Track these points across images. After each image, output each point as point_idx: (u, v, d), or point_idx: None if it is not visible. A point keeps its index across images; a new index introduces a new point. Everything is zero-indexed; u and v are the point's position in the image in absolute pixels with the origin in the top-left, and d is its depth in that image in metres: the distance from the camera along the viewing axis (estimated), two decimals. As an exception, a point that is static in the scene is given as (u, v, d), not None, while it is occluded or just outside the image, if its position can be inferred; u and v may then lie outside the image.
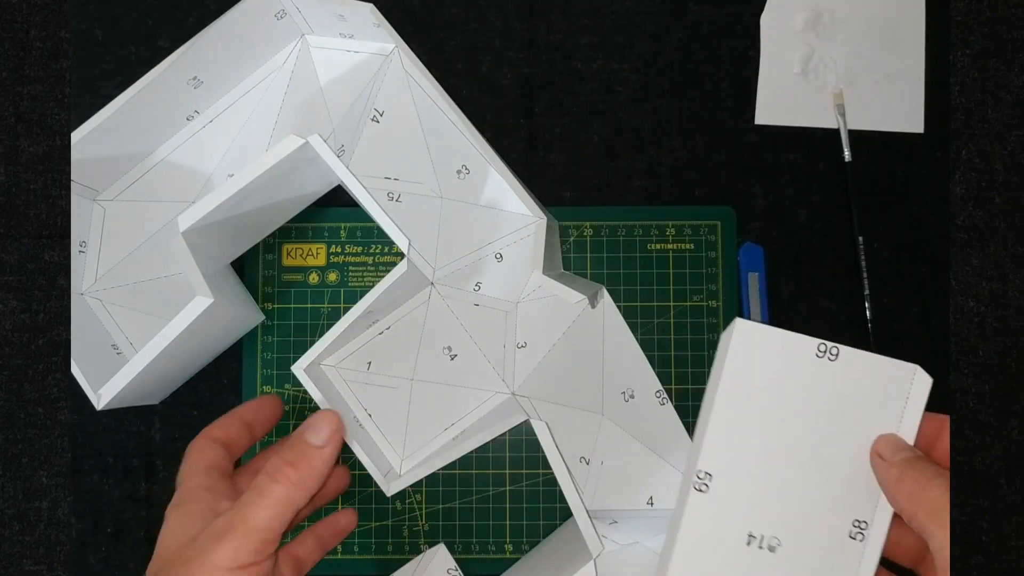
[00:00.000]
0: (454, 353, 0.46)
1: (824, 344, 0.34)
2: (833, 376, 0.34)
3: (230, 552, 0.33)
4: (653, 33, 0.49)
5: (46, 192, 0.47)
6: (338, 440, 0.37)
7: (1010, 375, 0.47)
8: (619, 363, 0.46)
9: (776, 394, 0.34)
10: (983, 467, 0.47)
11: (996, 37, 0.48)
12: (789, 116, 0.48)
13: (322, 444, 0.37)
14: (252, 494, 0.35)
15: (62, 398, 0.46)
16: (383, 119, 0.46)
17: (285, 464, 0.36)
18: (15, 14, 0.47)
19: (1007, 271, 0.47)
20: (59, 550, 0.46)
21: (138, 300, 0.46)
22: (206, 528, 0.35)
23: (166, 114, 0.46)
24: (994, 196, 0.48)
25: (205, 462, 0.38)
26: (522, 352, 0.46)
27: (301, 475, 0.36)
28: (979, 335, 0.47)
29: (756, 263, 0.47)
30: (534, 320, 0.46)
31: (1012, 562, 0.46)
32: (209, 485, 0.37)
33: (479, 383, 0.46)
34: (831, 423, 0.34)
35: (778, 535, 0.33)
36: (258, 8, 0.44)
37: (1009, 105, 0.48)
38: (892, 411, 0.33)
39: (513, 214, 0.45)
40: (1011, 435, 0.47)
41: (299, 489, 0.35)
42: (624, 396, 0.46)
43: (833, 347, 0.34)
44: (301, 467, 0.36)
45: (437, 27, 0.48)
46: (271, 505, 0.35)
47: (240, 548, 0.34)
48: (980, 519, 0.46)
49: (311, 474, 0.36)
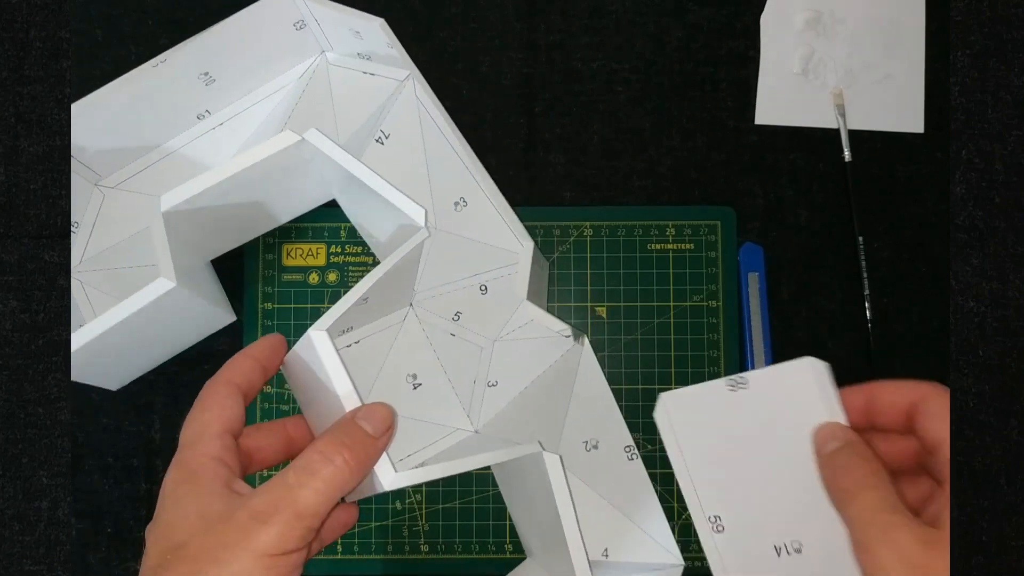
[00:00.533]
0: (419, 382, 0.45)
1: (731, 380, 0.36)
2: (755, 400, 0.36)
3: (275, 538, 0.30)
4: (653, 33, 0.49)
5: (46, 192, 0.47)
6: (390, 436, 0.34)
7: (1010, 375, 0.47)
8: (590, 412, 0.45)
9: (729, 434, 0.36)
10: (983, 467, 0.47)
11: (996, 37, 0.48)
12: (789, 116, 0.48)
13: (377, 435, 0.34)
14: (301, 474, 0.32)
15: (62, 398, 0.46)
16: (388, 142, 0.45)
17: (341, 446, 0.32)
18: (15, 14, 0.47)
19: (1007, 271, 0.47)
20: (59, 550, 0.46)
21: (118, 287, 0.45)
22: (241, 507, 0.31)
23: (175, 107, 0.46)
24: (994, 196, 0.48)
25: (222, 422, 0.34)
26: (492, 390, 0.45)
27: (358, 460, 0.32)
28: (979, 335, 0.47)
29: (756, 263, 0.47)
30: (510, 360, 0.45)
31: (1012, 562, 0.46)
32: (223, 455, 0.33)
33: (442, 418, 0.45)
34: (784, 437, 0.35)
35: (797, 539, 0.35)
36: (276, 13, 0.44)
37: (1009, 105, 0.48)
38: (813, 407, 0.35)
39: (504, 250, 0.44)
40: (1011, 435, 0.47)
41: (353, 475, 0.32)
42: (586, 445, 0.45)
43: (739, 378, 0.36)
44: (357, 452, 0.33)
45: (437, 27, 0.48)
46: (323, 489, 0.31)
47: (286, 534, 0.30)
48: (980, 519, 0.46)
49: (366, 461, 0.33)
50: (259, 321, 0.47)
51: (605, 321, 0.47)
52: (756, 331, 0.47)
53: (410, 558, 0.46)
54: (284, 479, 0.32)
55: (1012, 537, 0.46)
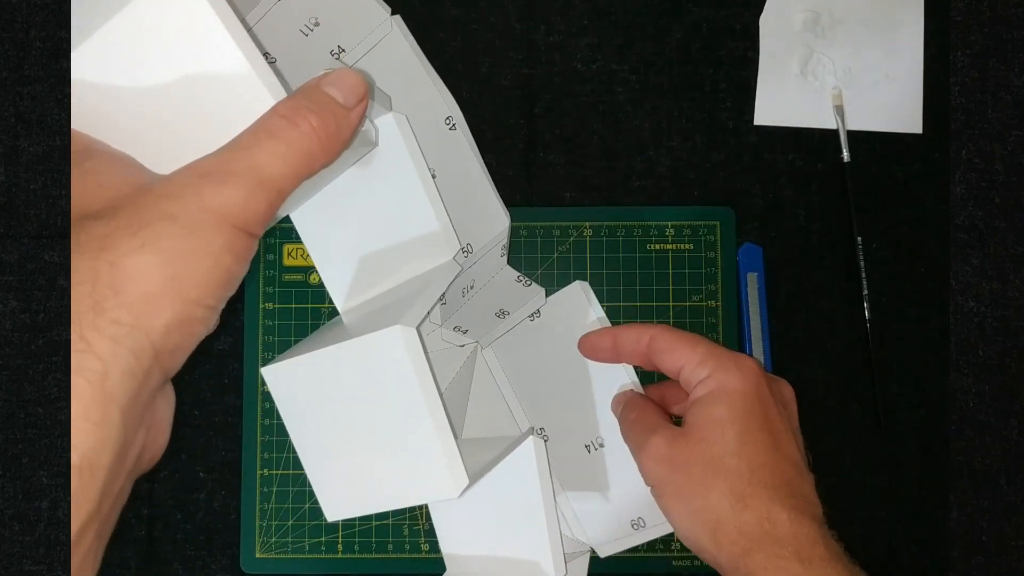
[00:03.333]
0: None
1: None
2: (544, 327, 0.45)
3: (238, 200, 0.24)
4: (652, 34, 0.49)
5: (46, 192, 0.47)
6: (364, 109, 0.29)
7: (1010, 375, 0.47)
8: (486, 411, 0.46)
9: (537, 355, 0.45)
10: (983, 467, 0.47)
11: (996, 37, 0.48)
12: (788, 117, 0.48)
13: (349, 106, 0.28)
14: (259, 134, 0.26)
15: (62, 398, 0.46)
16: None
17: (307, 111, 0.27)
18: (15, 14, 0.47)
19: (1007, 271, 0.47)
20: (59, 550, 0.46)
21: None
22: (182, 170, 0.25)
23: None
24: (994, 196, 0.48)
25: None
26: None
27: (327, 130, 0.27)
28: (979, 335, 0.47)
29: (755, 263, 0.47)
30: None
31: (1012, 562, 0.46)
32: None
33: None
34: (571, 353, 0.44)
35: (600, 436, 0.44)
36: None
37: (1009, 105, 0.48)
38: (584, 322, 0.45)
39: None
40: (1011, 435, 0.47)
41: (322, 147, 0.27)
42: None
43: (536, 313, 0.45)
44: (327, 120, 0.27)
45: (437, 28, 0.48)
46: (287, 155, 0.26)
47: (250, 200, 0.25)
48: (980, 519, 0.46)
49: (336, 134, 0.27)
50: (259, 321, 0.47)
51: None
52: (755, 331, 0.47)
53: (410, 557, 0.46)
54: (236, 142, 0.26)
55: (1012, 537, 0.46)
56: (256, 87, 0.28)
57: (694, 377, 0.37)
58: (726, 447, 0.35)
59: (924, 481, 0.47)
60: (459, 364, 0.46)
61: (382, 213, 0.42)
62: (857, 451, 0.47)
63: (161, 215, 0.24)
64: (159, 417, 0.27)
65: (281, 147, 0.26)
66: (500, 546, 0.43)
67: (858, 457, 0.47)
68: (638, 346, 0.40)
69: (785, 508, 0.34)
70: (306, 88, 0.28)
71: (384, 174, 0.41)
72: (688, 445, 0.36)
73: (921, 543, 0.47)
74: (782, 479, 0.35)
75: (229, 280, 0.25)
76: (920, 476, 0.47)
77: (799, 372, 0.47)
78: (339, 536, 0.46)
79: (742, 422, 0.36)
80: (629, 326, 0.41)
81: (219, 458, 0.47)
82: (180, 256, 0.24)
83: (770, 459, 0.35)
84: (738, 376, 0.37)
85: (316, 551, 0.46)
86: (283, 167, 0.26)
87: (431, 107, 0.43)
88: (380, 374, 0.36)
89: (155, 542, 0.47)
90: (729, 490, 0.34)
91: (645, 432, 0.38)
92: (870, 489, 0.47)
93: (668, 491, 0.36)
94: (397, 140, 0.40)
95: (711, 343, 0.38)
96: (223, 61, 0.28)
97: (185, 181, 0.25)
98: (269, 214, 0.26)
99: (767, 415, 0.36)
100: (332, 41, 0.42)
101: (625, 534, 0.44)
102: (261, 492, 0.46)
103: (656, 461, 0.37)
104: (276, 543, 0.46)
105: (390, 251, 0.42)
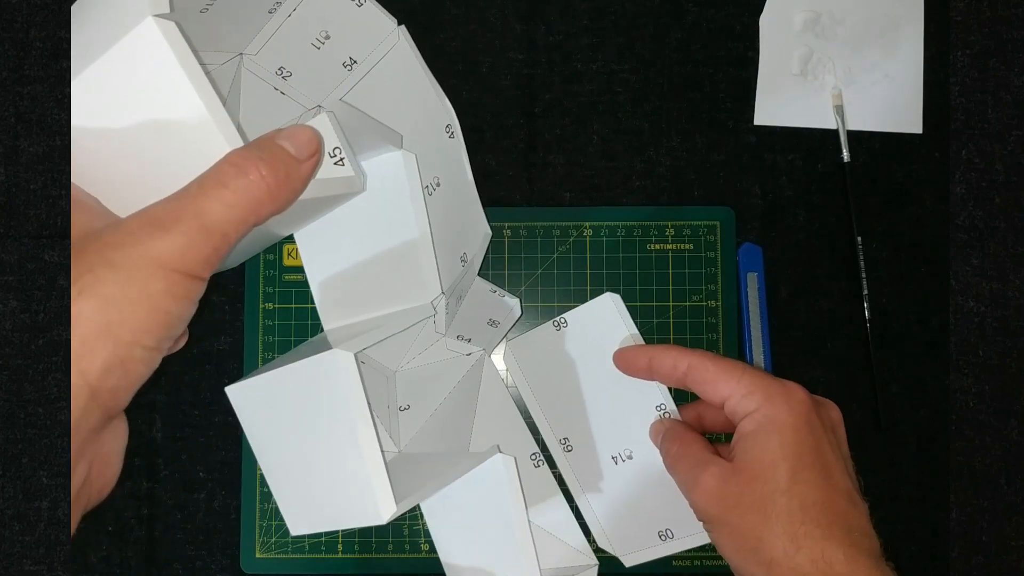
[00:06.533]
0: None
1: (555, 321, 0.44)
2: (574, 336, 0.44)
3: (178, 248, 0.25)
4: (652, 34, 0.49)
5: (46, 192, 0.47)
6: (316, 163, 0.30)
7: (1010, 375, 0.47)
8: (494, 422, 0.46)
9: (561, 367, 0.45)
10: (983, 467, 0.47)
11: (996, 37, 0.48)
12: (788, 117, 0.48)
13: (301, 158, 0.29)
14: (208, 183, 0.27)
15: (62, 398, 0.46)
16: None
17: (258, 160, 0.28)
18: (15, 14, 0.47)
19: (1007, 271, 0.47)
20: (59, 550, 0.46)
21: None
22: (133, 217, 0.26)
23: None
24: (994, 196, 0.48)
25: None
26: (405, 414, 0.45)
27: (277, 179, 0.28)
28: (979, 335, 0.47)
29: (755, 263, 0.47)
30: (415, 384, 0.45)
31: (1012, 562, 0.46)
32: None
33: None
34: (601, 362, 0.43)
35: (628, 448, 0.44)
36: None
37: (1009, 105, 0.48)
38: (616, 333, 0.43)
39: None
40: (1011, 435, 0.47)
41: (270, 195, 0.28)
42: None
43: (561, 319, 0.44)
44: (277, 169, 0.28)
45: (437, 27, 0.48)
46: (234, 203, 0.27)
47: (191, 247, 0.26)
48: (980, 519, 0.46)
49: (285, 183, 0.28)
50: (260, 321, 0.47)
51: (605, 321, 0.47)
52: (755, 331, 0.47)
53: (410, 557, 0.46)
54: (186, 190, 0.27)
55: (1012, 537, 0.46)
56: (214, 135, 0.29)
57: (741, 409, 0.37)
58: (778, 485, 0.34)
59: (924, 481, 0.47)
60: (463, 372, 0.46)
61: (378, 244, 0.43)
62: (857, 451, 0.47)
63: (103, 262, 0.25)
64: (105, 451, 0.28)
65: (228, 194, 0.27)
66: (486, 556, 0.43)
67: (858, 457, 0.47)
68: (675, 372, 0.39)
69: (841, 546, 0.33)
70: (261, 139, 0.29)
71: (387, 208, 0.42)
72: (740, 484, 0.35)
73: (921, 543, 0.47)
74: (835, 515, 0.34)
75: (169, 322, 0.26)
76: (920, 476, 0.47)
77: (799, 372, 0.47)
78: (339, 536, 0.46)
79: (794, 459, 0.35)
80: (666, 349, 0.40)
81: (219, 458, 0.47)
82: (116, 301, 0.25)
83: (823, 495, 0.34)
84: (787, 409, 0.36)
85: (316, 551, 0.46)
86: (228, 213, 0.27)
87: (434, 114, 0.43)
88: (322, 397, 0.37)
89: (155, 542, 0.47)
90: (782, 531, 0.34)
91: (694, 469, 0.37)
92: (870, 489, 0.47)
93: (721, 529, 0.36)
94: (402, 179, 0.41)
95: (753, 371, 0.37)
96: (185, 109, 0.29)
97: (131, 228, 0.26)
98: (214, 257, 0.27)
99: (819, 448, 0.36)
100: (344, 53, 0.43)
101: (652, 544, 0.43)
102: (261, 492, 0.46)
103: (708, 499, 0.36)
104: (276, 543, 0.46)
105: (379, 282, 0.43)
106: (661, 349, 0.40)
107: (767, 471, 0.35)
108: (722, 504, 0.35)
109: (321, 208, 0.40)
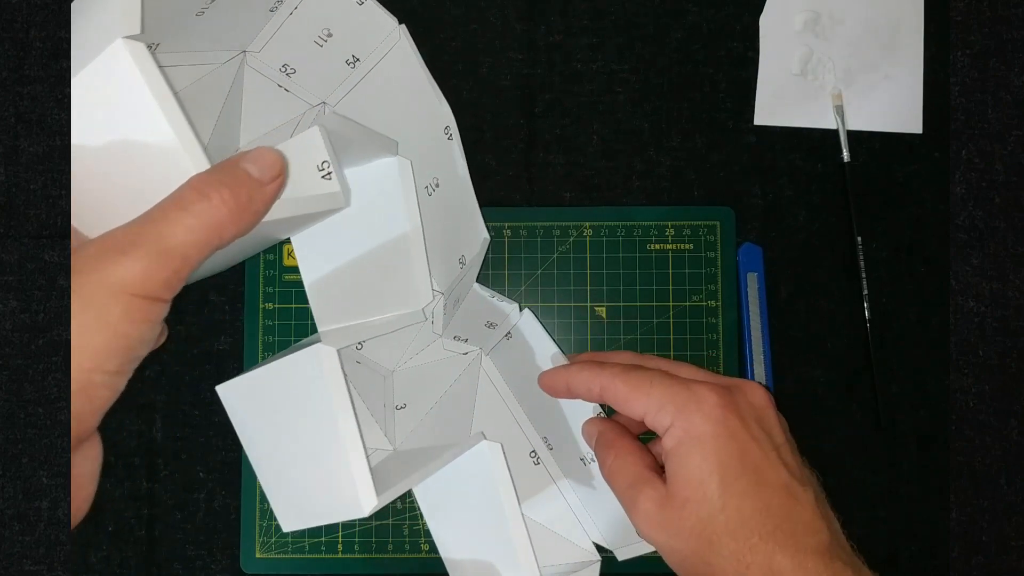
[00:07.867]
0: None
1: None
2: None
3: (137, 272, 0.26)
4: (652, 34, 0.49)
5: (46, 192, 0.47)
6: (280, 185, 0.30)
7: (1010, 375, 0.47)
8: (492, 421, 0.46)
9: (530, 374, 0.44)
10: (983, 467, 0.47)
11: (996, 37, 0.48)
12: (788, 117, 0.48)
13: (265, 181, 0.29)
14: (169, 207, 0.27)
15: (62, 398, 0.46)
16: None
17: (220, 184, 0.28)
18: (15, 14, 0.47)
19: (1007, 271, 0.47)
20: (59, 550, 0.46)
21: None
22: (92, 242, 0.27)
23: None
24: (994, 196, 0.48)
25: None
26: (402, 412, 0.46)
27: (239, 202, 0.28)
28: (979, 335, 0.47)
29: (755, 263, 0.47)
30: (413, 383, 0.46)
31: (1012, 562, 0.46)
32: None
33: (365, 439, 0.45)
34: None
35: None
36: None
37: (1009, 105, 0.48)
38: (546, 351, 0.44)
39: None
40: (1011, 435, 0.47)
41: (232, 218, 0.28)
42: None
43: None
44: (239, 193, 0.28)
45: (437, 28, 0.48)
46: (195, 227, 0.27)
47: (151, 271, 0.26)
48: (980, 519, 0.46)
49: (248, 206, 0.28)
50: (260, 321, 0.47)
51: (605, 321, 0.47)
52: (755, 331, 0.47)
53: (410, 557, 0.46)
54: (147, 214, 0.27)
55: (1012, 537, 0.46)
56: (181, 158, 0.29)
57: (658, 424, 0.36)
58: (712, 505, 0.34)
59: (924, 481, 0.47)
60: (459, 371, 0.46)
61: (373, 249, 0.43)
62: (857, 451, 0.47)
63: (73, 292, 0.26)
64: (75, 473, 0.29)
65: (189, 218, 0.27)
66: (484, 547, 0.43)
67: (858, 457, 0.47)
68: (591, 395, 0.39)
69: (787, 552, 0.33)
70: (224, 163, 0.30)
71: (382, 213, 0.42)
72: (675, 508, 0.35)
73: (921, 543, 0.47)
74: (777, 519, 0.34)
75: (129, 345, 0.27)
76: (920, 476, 0.47)
77: (799, 372, 0.47)
78: (339, 536, 0.46)
79: (720, 471, 0.34)
80: (580, 370, 0.39)
81: (219, 458, 0.47)
82: (75, 329, 0.25)
83: (759, 502, 0.34)
84: (701, 418, 0.35)
85: (316, 551, 0.46)
86: (188, 237, 0.27)
87: (433, 116, 0.44)
88: (306, 392, 0.37)
89: (155, 542, 0.47)
90: (729, 554, 0.34)
91: (631, 489, 0.37)
92: (870, 489, 0.47)
93: (670, 556, 0.36)
94: (396, 186, 0.41)
95: (663, 380, 0.37)
96: (153, 132, 0.29)
97: (89, 254, 0.26)
98: (174, 280, 0.27)
99: (743, 451, 0.35)
100: (346, 51, 0.43)
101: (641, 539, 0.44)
102: (261, 492, 0.46)
103: (649, 526, 0.36)
104: (276, 543, 0.46)
105: (372, 287, 0.43)
106: (575, 370, 0.40)
107: (697, 491, 0.34)
108: (664, 531, 0.35)
109: (307, 222, 0.40)
